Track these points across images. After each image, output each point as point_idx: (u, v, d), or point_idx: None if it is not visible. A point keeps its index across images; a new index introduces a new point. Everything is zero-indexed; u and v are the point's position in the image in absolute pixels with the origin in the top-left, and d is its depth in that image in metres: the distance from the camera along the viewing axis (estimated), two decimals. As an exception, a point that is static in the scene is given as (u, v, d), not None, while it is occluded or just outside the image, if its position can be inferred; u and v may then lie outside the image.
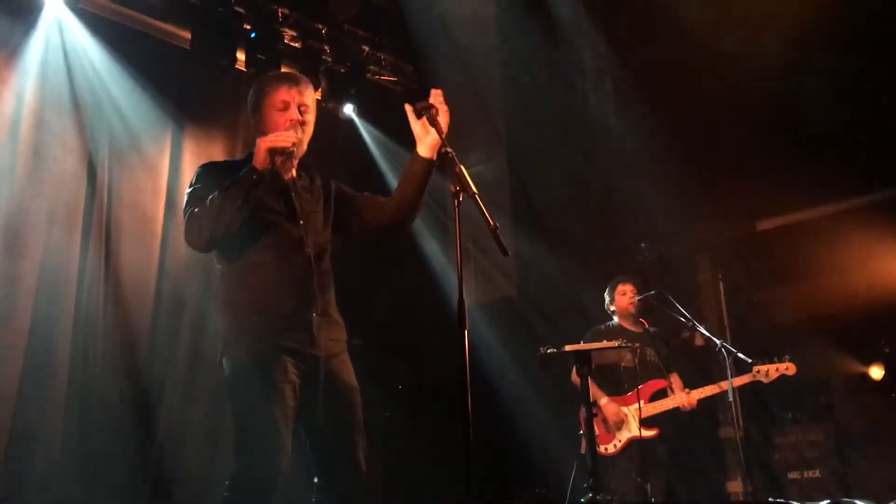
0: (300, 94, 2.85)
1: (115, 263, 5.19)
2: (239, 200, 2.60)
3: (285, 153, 2.68)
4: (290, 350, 2.65)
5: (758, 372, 4.65)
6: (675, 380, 5.05)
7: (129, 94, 5.47)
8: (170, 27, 5.71)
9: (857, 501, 4.10)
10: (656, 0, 6.01)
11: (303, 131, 2.81)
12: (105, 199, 5.24)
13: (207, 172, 2.85)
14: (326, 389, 2.70)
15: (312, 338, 2.69)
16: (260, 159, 2.63)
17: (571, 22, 6.45)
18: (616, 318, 5.29)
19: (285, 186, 2.80)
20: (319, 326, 2.72)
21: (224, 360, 2.70)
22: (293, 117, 2.80)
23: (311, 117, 2.88)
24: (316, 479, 2.72)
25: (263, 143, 2.65)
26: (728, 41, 5.71)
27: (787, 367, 4.61)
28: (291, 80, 2.88)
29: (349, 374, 2.79)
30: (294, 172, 2.87)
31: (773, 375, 4.62)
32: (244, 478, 2.56)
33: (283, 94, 2.83)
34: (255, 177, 2.63)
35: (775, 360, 4.62)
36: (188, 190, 2.81)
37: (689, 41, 5.85)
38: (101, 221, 5.20)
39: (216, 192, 2.64)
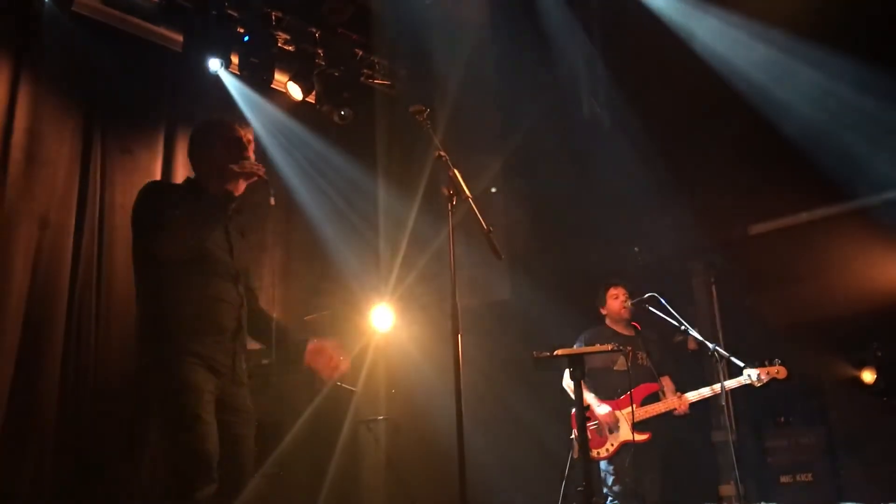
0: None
1: (108, 266, 5.17)
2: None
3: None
4: (216, 372, 2.84)
5: (749, 375, 4.66)
6: (668, 383, 5.06)
7: (121, 98, 5.46)
8: (163, 30, 5.70)
9: (848, 505, 4.11)
10: (648, 7, 6.04)
11: None
12: (97, 203, 5.23)
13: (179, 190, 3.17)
14: (227, 410, 2.86)
15: (233, 364, 2.91)
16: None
17: (563, 28, 6.47)
18: (608, 322, 5.30)
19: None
20: (239, 357, 2.95)
21: (155, 374, 2.79)
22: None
23: None
24: None
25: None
26: (721, 49, 5.75)
27: (779, 371, 4.62)
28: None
29: (249, 401, 2.99)
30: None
31: (765, 379, 4.64)
32: (185, 487, 2.64)
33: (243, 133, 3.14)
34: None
35: (766, 363, 4.64)
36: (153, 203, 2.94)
37: (681, 47, 5.88)
38: (94, 225, 5.18)
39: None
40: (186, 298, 2.85)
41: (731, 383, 4.71)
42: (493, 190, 6.51)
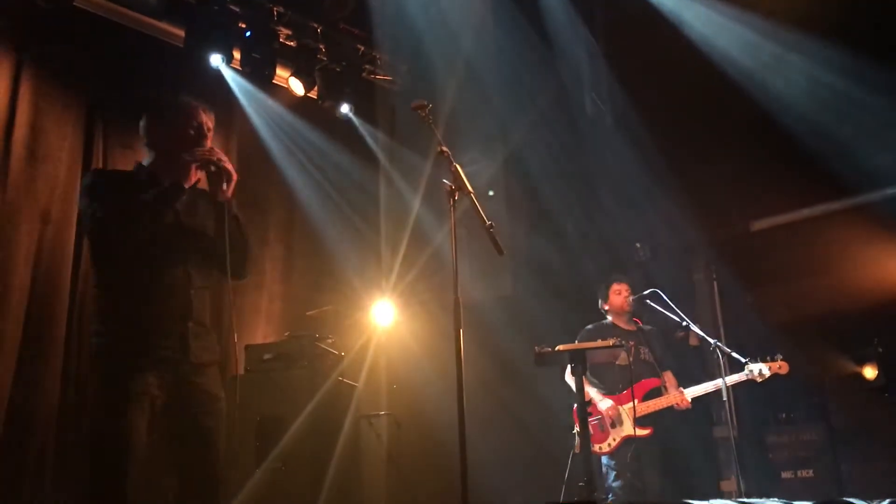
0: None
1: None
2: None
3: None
4: (160, 360, 2.71)
5: (751, 371, 4.67)
6: (669, 378, 5.06)
7: (123, 93, 5.45)
8: (164, 26, 5.69)
9: (849, 500, 4.11)
10: (651, 3, 6.03)
11: None
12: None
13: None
14: (190, 397, 2.76)
15: (186, 347, 2.76)
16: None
17: (565, 24, 6.46)
18: (610, 317, 5.30)
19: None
20: (195, 335, 2.80)
21: (94, 378, 2.79)
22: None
23: None
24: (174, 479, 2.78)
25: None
26: (723, 45, 5.75)
27: (780, 367, 4.63)
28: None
29: (215, 385, 2.85)
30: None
31: (767, 374, 4.64)
32: (100, 479, 2.64)
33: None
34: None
35: (768, 359, 4.64)
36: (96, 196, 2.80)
37: (683, 43, 5.87)
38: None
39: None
40: (128, 288, 2.74)
41: (732, 379, 4.71)
42: (491, 193, 6.52)
